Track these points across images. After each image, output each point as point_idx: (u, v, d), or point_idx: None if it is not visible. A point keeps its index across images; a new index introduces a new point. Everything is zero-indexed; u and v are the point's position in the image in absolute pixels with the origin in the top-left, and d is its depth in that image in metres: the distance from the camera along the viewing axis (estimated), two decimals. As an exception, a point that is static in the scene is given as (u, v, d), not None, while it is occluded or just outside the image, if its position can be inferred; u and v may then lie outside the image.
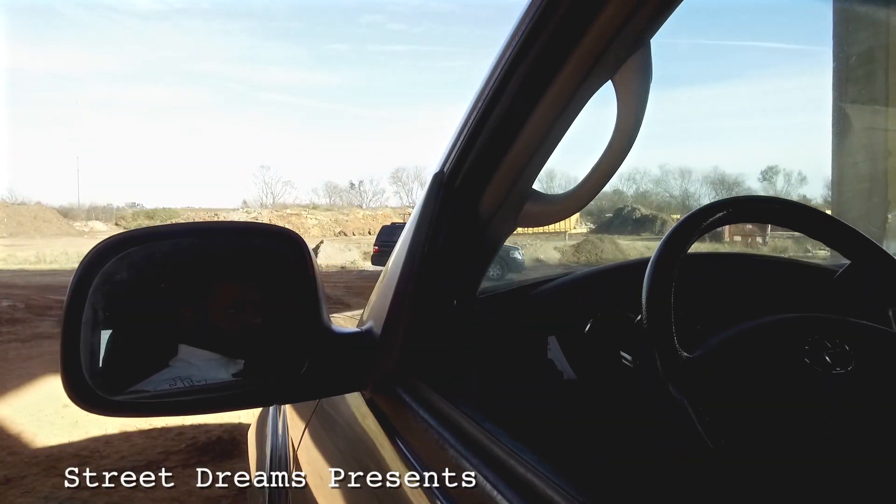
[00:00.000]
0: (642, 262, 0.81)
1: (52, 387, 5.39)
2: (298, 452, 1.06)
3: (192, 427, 4.50)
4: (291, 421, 1.30)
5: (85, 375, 0.60)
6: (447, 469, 0.53)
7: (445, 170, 0.74)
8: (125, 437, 4.32)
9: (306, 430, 1.07)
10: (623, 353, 0.89)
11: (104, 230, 42.83)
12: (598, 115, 0.66)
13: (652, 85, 0.63)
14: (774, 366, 0.71)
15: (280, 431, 1.39)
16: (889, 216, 1.91)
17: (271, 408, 1.69)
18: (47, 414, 4.67)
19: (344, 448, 0.87)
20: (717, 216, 0.80)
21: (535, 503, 0.41)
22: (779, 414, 0.69)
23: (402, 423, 0.67)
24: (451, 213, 0.73)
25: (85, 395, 0.59)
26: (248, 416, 4.59)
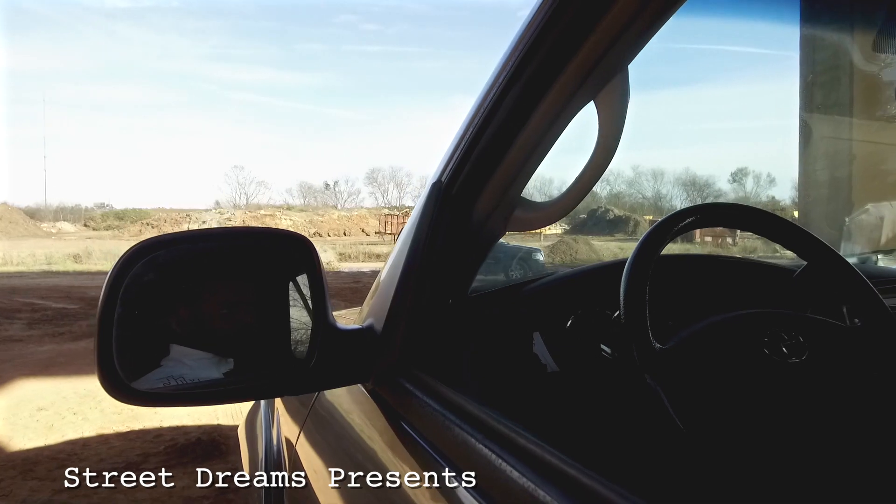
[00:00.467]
0: (619, 263, 0.88)
1: (25, 391, 5.32)
2: (297, 447, 1.11)
3: (171, 429, 4.49)
4: (284, 419, 1.35)
5: (117, 368, 0.65)
6: (453, 445, 0.60)
7: (443, 179, 0.81)
8: (103, 439, 4.29)
9: (304, 427, 1.12)
10: (603, 346, 0.96)
11: (72, 231, 41.94)
12: (581, 132, 0.74)
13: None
14: (737, 356, 0.79)
15: (274, 430, 1.44)
16: (846, 219, 2.02)
17: (262, 408, 1.73)
18: (21, 418, 4.62)
19: (348, 438, 0.92)
20: (687, 221, 0.88)
21: (536, 468, 0.48)
22: (741, 398, 0.77)
23: (407, 408, 0.74)
24: (449, 219, 0.80)
25: (118, 386, 0.65)
26: (225, 418, 4.60)
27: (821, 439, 0.77)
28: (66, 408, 4.84)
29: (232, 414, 4.68)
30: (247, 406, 2.13)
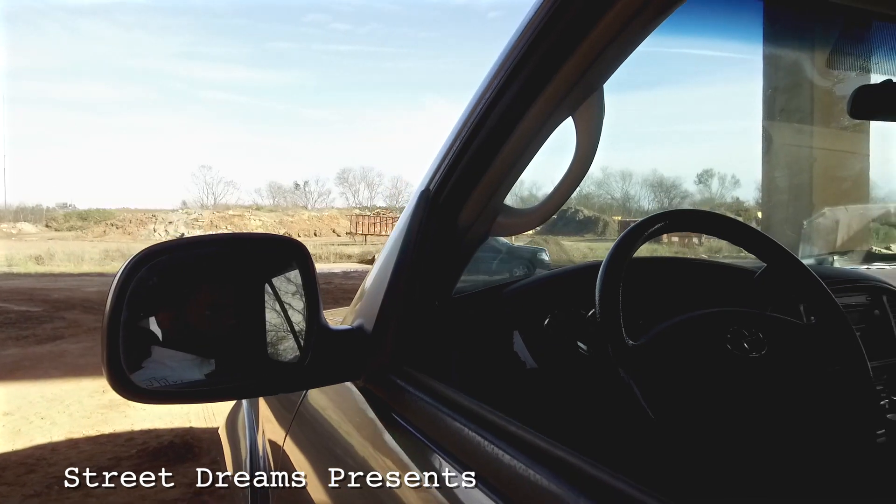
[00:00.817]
0: (591, 266, 0.94)
1: (-11, 395, 5.21)
2: (285, 447, 1.14)
3: (142, 432, 4.44)
4: (269, 420, 1.37)
5: (124, 369, 0.69)
6: (447, 435, 0.65)
7: (431, 188, 0.86)
8: (72, 444, 4.22)
9: (291, 427, 1.15)
10: (579, 343, 1.02)
11: (34, 232, 40.77)
12: (560, 144, 0.80)
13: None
14: (703, 351, 0.85)
15: (259, 431, 1.46)
16: (805, 223, 2.13)
17: (243, 409, 1.75)
18: (-13, 423, 4.54)
19: (340, 434, 0.96)
20: (656, 226, 0.94)
21: (523, 450, 0.53)
22: (707, 390, 0.84)
23: (400, 403, 0.78)
24: (436, 227, 0.85)
25: (125, 385, 0.68)
26: (198, 420, 4.57)
27: (778, 427, 0.84)
28: (33, 412, 4.75)
29: (204, 416, 4.65)
30: (224, 408, 2.14)
